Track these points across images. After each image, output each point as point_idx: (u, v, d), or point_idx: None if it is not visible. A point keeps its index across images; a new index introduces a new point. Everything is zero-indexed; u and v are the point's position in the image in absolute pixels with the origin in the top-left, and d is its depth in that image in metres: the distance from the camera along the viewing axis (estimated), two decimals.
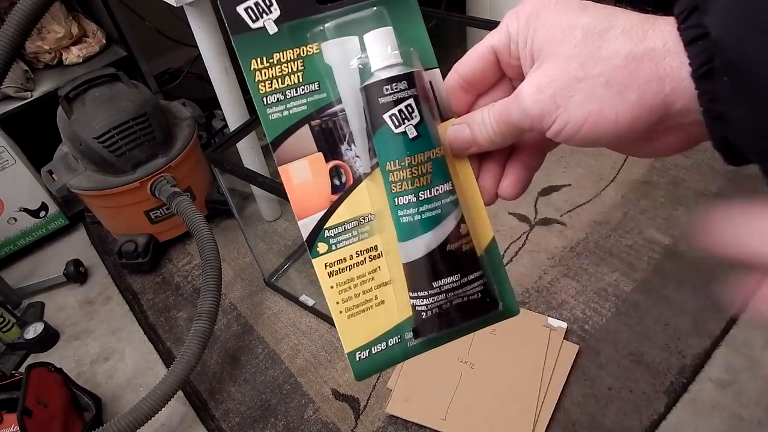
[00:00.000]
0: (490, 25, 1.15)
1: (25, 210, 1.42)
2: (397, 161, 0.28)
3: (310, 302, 1.22)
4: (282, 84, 0.29)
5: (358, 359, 0.30)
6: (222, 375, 1.15)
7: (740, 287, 0.23)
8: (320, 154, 0.30)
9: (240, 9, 0.28)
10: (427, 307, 0.29)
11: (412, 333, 0.30)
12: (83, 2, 1.53)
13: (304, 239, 0.30)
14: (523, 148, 0.31)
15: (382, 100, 0.28)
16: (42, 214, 1.46)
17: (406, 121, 0.28)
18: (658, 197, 1.31)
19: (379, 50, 0.28)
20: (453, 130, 0.30)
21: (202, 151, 1.42)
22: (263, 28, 0.28)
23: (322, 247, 0.30)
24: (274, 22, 0.29)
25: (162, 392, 0.92)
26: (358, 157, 0.30)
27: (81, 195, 1.30)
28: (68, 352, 1.27)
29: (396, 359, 0.31)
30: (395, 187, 0.29)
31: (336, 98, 0.30)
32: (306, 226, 0.30)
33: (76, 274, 1.38)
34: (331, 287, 0.30)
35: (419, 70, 0.29)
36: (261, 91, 0.29)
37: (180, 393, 1.10)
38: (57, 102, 1.23)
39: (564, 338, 1.06)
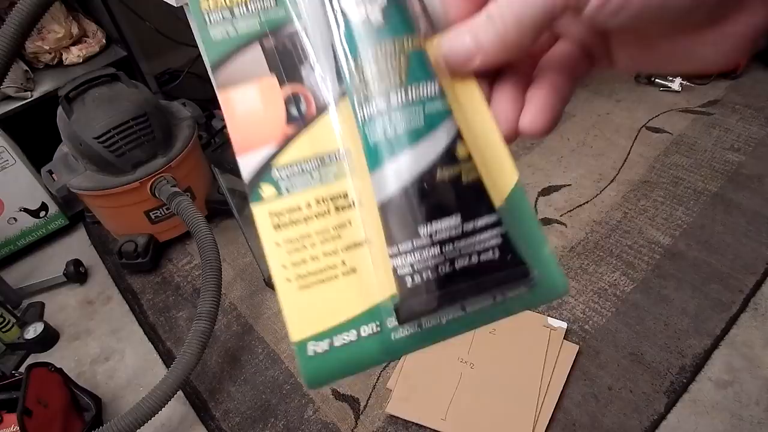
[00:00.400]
0: None
1: (25, 210, 1.42)
2: (360, 57, 0.22)
3: None
4: (229, 0, 0.24)
5: (311, 353, 0.21)
6: (222, 375, 1.15)
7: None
8: (273, 78, 0.23)
9: None
10: (413, 267, 0.20)
11: (395, 316, 0.21)
12: (83, 2, 1.53)
13: (245, 181, 0.22)
14: (547, 69, 0.24)
15: None
16: (42, 214, 1.46)
17: (368, 3, 0.22)
18: (657, 197, 1.31)
19: None
20: (448, 39, 0.22)
21: (202, 151, 1.42)
22: None
23: (267, 189, 0.22)
24: None
25: (162, 392, 0.92)
26: (322, 80, 0.23)
27: (81, 195, 1.30)
28: (68, 352, 1.27)
29: (371, 359, 0.21)
30: (359, 92, 0.22)
31: (296, 14, 0.24)
32: (248, 164, 0.22)
33: (76, 274, 1.38)
34: (277, 244, 0.22)
35: None
36: (203, 7, 0.23)
37: (180, 393, 1.10)
38: (57, 102, 1.23)
39: (564, 338, 1.06)
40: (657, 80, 1.63)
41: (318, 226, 0.22)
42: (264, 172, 0.22)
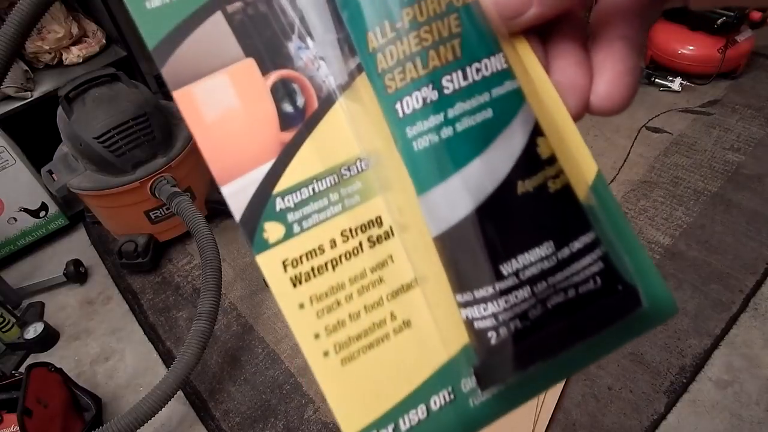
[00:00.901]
0: None
1: (25, 210, 1.42)
2: (387, 24, 0.15)
3: None
4: None
5: None
6: (222, 375, 1.15)
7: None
8: (250, 61, 0.16)
9: None
10: (496, 318, 0.15)
11: (474, 378, 0.16)
12: (83, 2, 1.53)
13: (237, 219, 0.16)
14: (613, 18, 0.18)
15: None
16: (42, 214, 1.46)
17: None
18: (657, 197, 1.31)
19: None
20: None
21: None
22: None
23: (272, 229, 0.16)
24: None
25: (162, 392, 0.92)
26: (321, 59, 0.16)
27: (81, 195, 1.30)
28: (68, 352, 1.27)
29: None
30: (392, 79, 0.15)
31: None
32: (238, 195, 0.16)
33: (76, 274, 1.38)
34: (301, 306, 0.16)
35: None
36: None
37: (180, 393, 1.10)
38: (57, 102, 1.23)
39: None
40: (657, 80, 1.63)
41: (351, 271, 0.16)
42: (263, 204, 0.16)
